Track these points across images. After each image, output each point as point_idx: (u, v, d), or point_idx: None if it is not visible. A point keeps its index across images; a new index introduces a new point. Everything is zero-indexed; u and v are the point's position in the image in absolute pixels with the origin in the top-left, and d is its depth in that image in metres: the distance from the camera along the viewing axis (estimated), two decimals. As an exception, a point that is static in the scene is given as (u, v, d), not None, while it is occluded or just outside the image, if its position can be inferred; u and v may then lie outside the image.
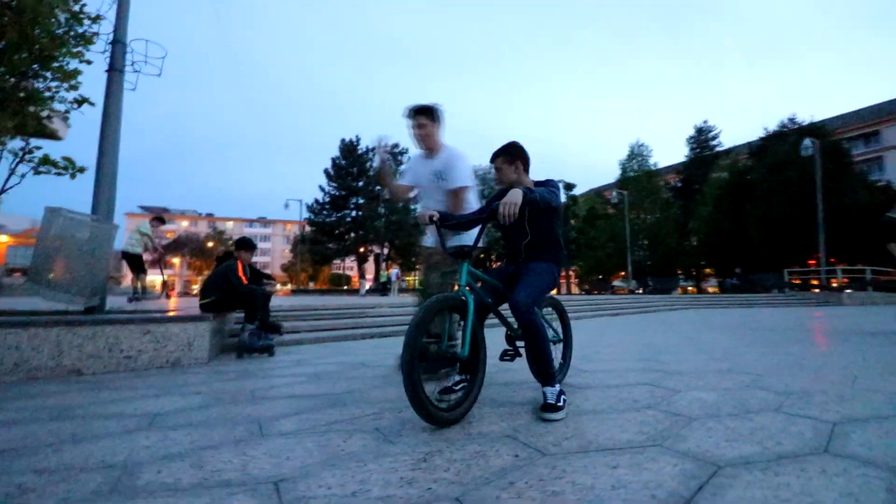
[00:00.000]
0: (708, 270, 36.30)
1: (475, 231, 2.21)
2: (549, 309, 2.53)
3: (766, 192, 26.40)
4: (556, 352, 2.37)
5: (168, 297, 10.78)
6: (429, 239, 3.02)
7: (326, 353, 4.27)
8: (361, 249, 39.00)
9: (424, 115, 2.88)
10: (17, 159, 4.29)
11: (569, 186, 39.94)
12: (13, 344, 2.96)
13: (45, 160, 4.46)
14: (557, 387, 2.03)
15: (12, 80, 4.64)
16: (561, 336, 2.59)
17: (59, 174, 4.61)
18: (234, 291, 4.10)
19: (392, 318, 6.86)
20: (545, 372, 2.04)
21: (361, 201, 38.99)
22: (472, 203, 2.93)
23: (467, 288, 1.96)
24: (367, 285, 33.27)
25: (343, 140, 39.98)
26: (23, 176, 4.45)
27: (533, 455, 1.50)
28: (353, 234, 39.07)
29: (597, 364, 3.40)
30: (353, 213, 39.24)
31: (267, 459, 1.50)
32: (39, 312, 3.84)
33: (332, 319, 6.15)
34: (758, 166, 28.99)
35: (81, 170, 4.63)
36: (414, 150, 3.11)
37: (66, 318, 3.34)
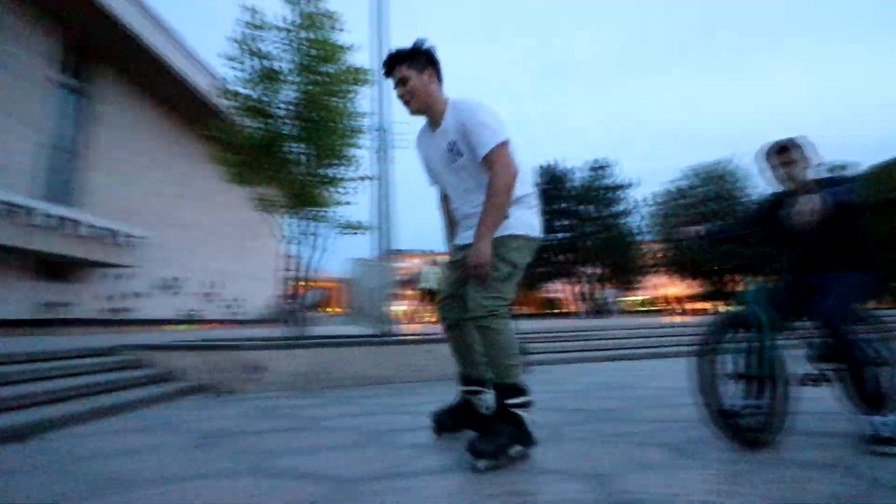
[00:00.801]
0: None
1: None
2: (863, 327, 2.14)
3: None
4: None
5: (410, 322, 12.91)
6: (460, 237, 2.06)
7: (573, 373, 4.46)
8: (572, 271, 38.44)
9: (404, 65, 1.87)
10: (335, 225, 6.00)
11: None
12: (352, 358, 4.10)
13: (348, 224, 6.12)
14: (890, 416, 1.71)
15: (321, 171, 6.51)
16: (885, 358, 2.14)
17: (354, 233, 6.24)
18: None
19: (627, 341, 6.61)
20: (870, 397, 1.75)
21: (566, 222, 38.77)
22: (524, 168, 1.85)
23: (757, 303, 1.87)
24: (584, 307, 32.48)
25: (541, 165, 40.97)
26: (334, 237, 6.19)
27: (876, 487, 1.33)
28: (560, 257, 38.97)
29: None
30: (559, 236, 39.24)
31: (577, 457, 1.74)
32: (353, 336, 5.18)
33: (567, 342, 6.33)
34: None
35: (369, 228, 6.17)
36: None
37: (375, 339, 4.44)
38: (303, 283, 6.16)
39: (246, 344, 4.02)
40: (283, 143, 5.71)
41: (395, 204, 5.86)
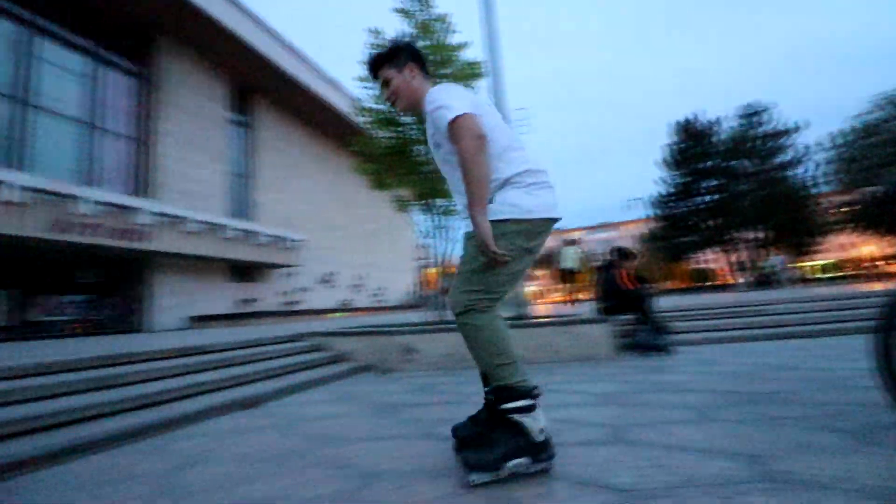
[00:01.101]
0: None
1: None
2: None
3: None
4: None
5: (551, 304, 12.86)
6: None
7: (728, 352, 4.12)
8: (726, 237, 33.89)
9: (384, 66, 1.84)
10: (464, 217, 6.37)
11: None
12: (490, 342, 4.40)
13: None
14: None
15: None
16: None
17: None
18: (626, 296, 4.61)
19: (797, 316, 5.76)
20: None
21: (714, 183, 34.17)
22: (499, 141, 1.64)
23: None
24: (745, 278, 28.53)
25: (678, 122, 36.61)
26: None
27: None
28: (710, 223, 34.57)
29: None
30: (707, 198, 34.80)
31: (727, 438, 1.73)
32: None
33: (721, 319, 5.79)
34: None
35: (495, 216, 6.40)
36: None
37: (513, 321, 4.66)
38: (437, 272, 6.65)
39: (400, 330, 4.61)
40: (412, 146, 6.22)
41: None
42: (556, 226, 1.77)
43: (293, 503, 1.41)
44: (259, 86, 19.87)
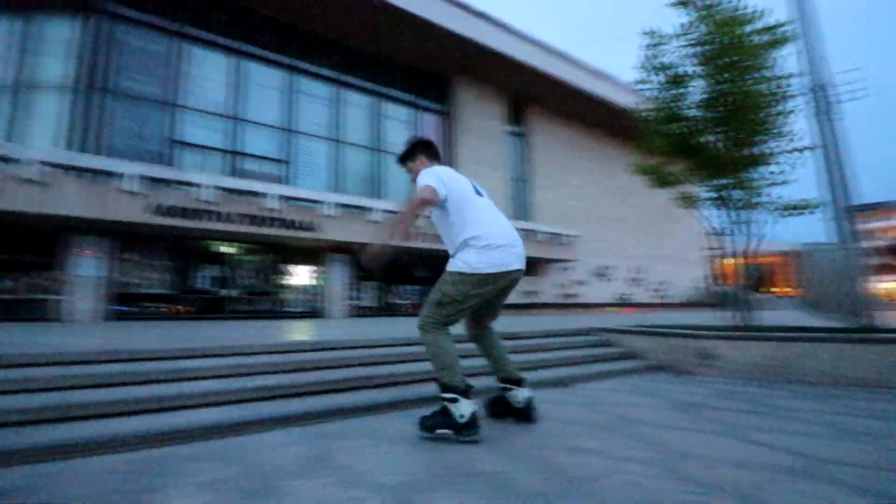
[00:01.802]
0: None
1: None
2: None
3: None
4: None
5: None
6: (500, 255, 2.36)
7: None
8: None
9: (404, 162, 2.78)
10: (771, 209, 5.52)
11: None
12: (817, 355, 3.83)
13: (788, 205, 5.47)
14: None
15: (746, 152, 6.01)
16: None
17: (800, 214, 5.48)
18: None
19: None
20: None
21: None
22: (466, 211, 2.40)
23: None
24: None
25: None
26: (773, 221, 5.63)
27: None
28: None
29: None
30: None
31: None
32: (819, 329, 4.66)
33: None
34: None
35: (818, 205, 5.29)
36: None
37: (849, 334, 3.90)
38: (737, 264, 5.86)
39: (697, 333, 4.53)
40: (700, 137, 5.79)
41: (849, 169, 4.79)
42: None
43: (613, 456, 1.92)
44: (531, 97, 21.71)
